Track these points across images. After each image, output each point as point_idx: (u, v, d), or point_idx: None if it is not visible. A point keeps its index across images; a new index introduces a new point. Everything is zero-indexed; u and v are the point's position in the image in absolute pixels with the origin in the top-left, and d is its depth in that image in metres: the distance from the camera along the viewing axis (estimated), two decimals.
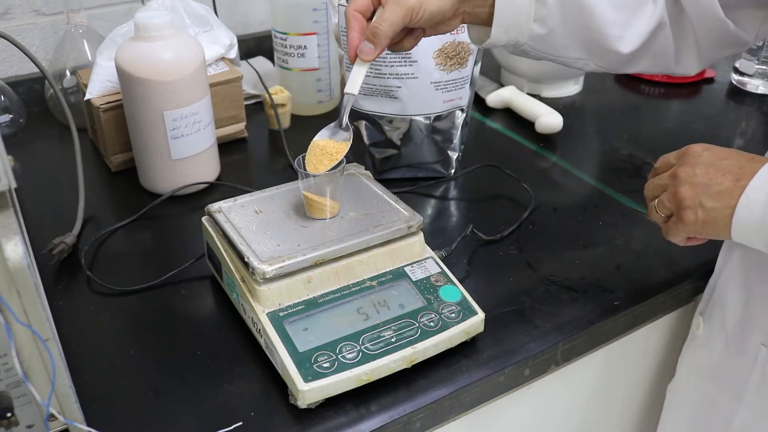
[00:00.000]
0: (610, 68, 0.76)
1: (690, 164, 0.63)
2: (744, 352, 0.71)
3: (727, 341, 0.74)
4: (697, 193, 0.61)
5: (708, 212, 0.61)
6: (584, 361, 0.77)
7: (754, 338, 0.70)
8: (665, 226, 0.66)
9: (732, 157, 0.62)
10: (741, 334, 0.72)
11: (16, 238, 0.46)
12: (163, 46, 0.83)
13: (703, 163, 0.62)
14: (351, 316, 0.65)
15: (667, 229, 0.66)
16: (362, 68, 0.68)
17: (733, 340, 0.73)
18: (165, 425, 0.60)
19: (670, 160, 0.66)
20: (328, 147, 0.68)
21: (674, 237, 0.65)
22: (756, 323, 0.70)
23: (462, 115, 0.93)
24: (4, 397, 0.51)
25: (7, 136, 1.02)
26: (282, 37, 1.06)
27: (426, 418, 0.64)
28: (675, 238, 0.65)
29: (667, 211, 0.65)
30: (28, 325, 0.48)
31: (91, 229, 0.85)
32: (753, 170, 0.59)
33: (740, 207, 0.59)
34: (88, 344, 0.69)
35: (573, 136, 1.07)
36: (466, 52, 0.87)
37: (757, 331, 0.70)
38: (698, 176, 0.61)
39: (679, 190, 0.63)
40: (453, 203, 0.93)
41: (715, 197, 0.60)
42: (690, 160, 0.63)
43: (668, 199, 0.64)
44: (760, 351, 0.69)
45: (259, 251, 0.65)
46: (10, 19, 1.09)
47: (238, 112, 1.02)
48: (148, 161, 0.89)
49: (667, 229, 0.65)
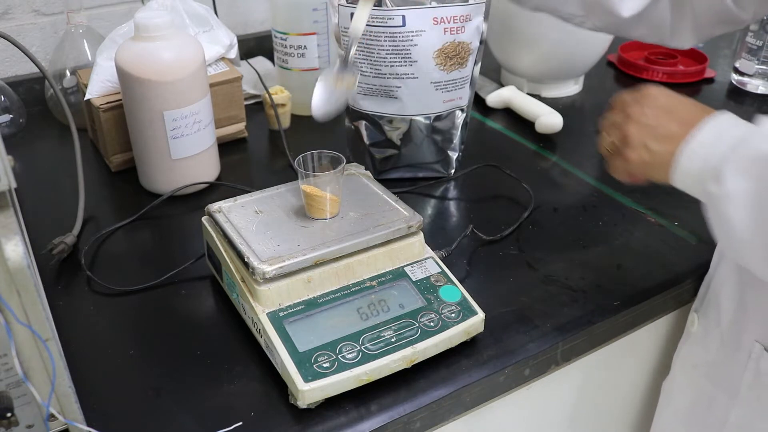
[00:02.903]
0: (605, 29, 0.77)
1: (642, 104, 0.64)
2: (738, 349, 0.72)
3: (722, 338, 0.74)
4: (644, 134, 0.63)
5: (651, 154, 0.62)
6: (584, 361, 0.77)
7: (748, 335, 0.71)
8: (610, 161, 0.67)
9: (684, 105, 0.63)
10: (735, 331, 0.72)
11: (16, 238, 0.46)
12: (163, 46, 0.83)
13: (656, 106, 0.63)
14: (351, 316, 0.65)
15: (611, 165, 0.67)
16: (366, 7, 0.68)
17: (727, 337, 0.74)
18: (165, 425, 0.60)
19: (626, 98, 0.67)
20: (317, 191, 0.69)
21: (617, 174, 0.67)
22: (750, 320, 0.70)
23: (462, 115, 0.93)
24: (4, 397, 0.51)
25: (7, 136, 1.02)
26: (282, 37, 1.06)
27: (426, 418, 0.64)
28: (618, 175, 0.67)
29: (614, 147, 0.66)
30: (28, 325, 0.48)
31: (91, 229, 0.85)
32: (701, 120, 0.60)
33: (682, 154, 0.60)
34: (88, 344, 0.69)
35: (573, 136, 1.07)
36: (466, 52, 0.87)
37: (751, 328, 0.70)
38: (648, 117, 0.63)
39: (627, 129, 0.64)
40: (453, 203, 0.93)
41: (660, 140, 0.61)
42: (643, 101, 0.64)
43: (616, 136, 0.66)
44: (754, 348, 0.69)
45: (259, 251, 0.65)
46: (10, 19, 1.09)
47: (238, 112, 1.02)
48: (148, 161, 0.89)
49: (612, 165, 0.67)
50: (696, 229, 0.85)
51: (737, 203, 0.56)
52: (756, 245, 0.57)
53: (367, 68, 0.86)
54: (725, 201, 0.57)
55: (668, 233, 0.85)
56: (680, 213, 0.88)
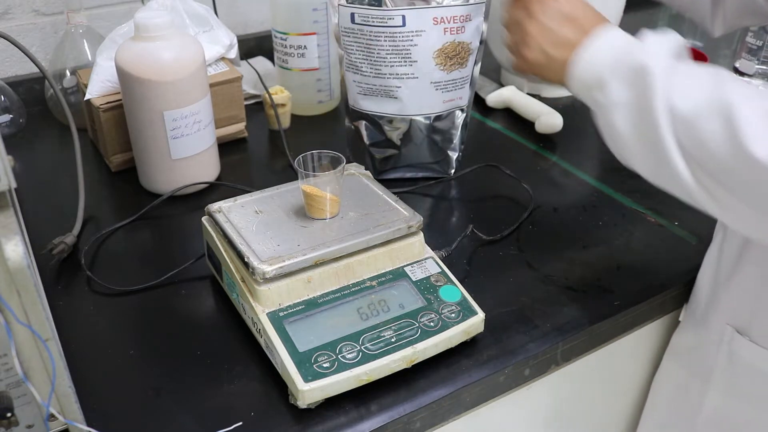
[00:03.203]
0: None
1: (542, 2, 0.66)
2: (711, 333, 0.72)
3: (696, 323, 0.74)
4: (542, 38, 0.65)
5: (547, 58, 0.65)
6: (584, 361, 0.77)
7: (719, 318, 0.71)
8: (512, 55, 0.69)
9: (584, 13, 0.65)
10: (708, 316, 0.73)
11: (16, 238, 0.46)
12: (163, 46, 0.83)
13: (557, 9, 0.65)
14: (351, 316, 0.65)
15: (513, 60, 0.69)
16: None
17: (701, 322, 0.75)
18: (165, 425, 0.60)
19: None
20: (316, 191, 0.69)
21: (518, 69, 0.70)
22: (722, 303, 0.71)
23: (462, 115, 0.93)
24: (4, 397, 0.51)
25: (7, 136, 1.02)
26: (282, 37, 1.06)
27: (426, 418, 0.64)
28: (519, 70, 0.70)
29: (514, 44, 0.68)
30: (28, 325, 0.48)
31: (91, 229, 0.85)
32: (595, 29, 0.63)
33: (574, 62, 0.63)
34: (88, 344, 0.69)
35: (573, 136, 1.07)
36: (466, 52, 0.87)
37: (722, 311, 0.71)
38: (548, 18, 0.65)
39: (527, 26, 0.66)
40: (453, 203, 0.93)
41: (556, 46, 0.64)
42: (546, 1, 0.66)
43: (516, 32, 0.68)
44: (725, 331, 0.70)
45: (259, 251, 0.65)
46: (10, 19, 1.09)
47: (238, 112, 1.02)
48: (148, 161, 0.89)
49: (514, 60, 0.69)
50: (696, 229, 0.85)
51: (620, 112, 0.59)
52: (638, 150, 0.60)
53: (367, 68, 0.86)
54: (610, 109, 0.60)
55: (668, 233, 0.85)
56: (680, 213, 0.88)
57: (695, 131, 0.55)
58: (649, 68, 0.57)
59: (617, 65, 0.60)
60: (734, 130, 0.52)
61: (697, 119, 0.54)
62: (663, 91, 0.56)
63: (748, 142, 0.51)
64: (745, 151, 0.51)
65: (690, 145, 0.55)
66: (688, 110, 0.55)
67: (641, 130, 0.58)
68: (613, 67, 0.60)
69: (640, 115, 0.58)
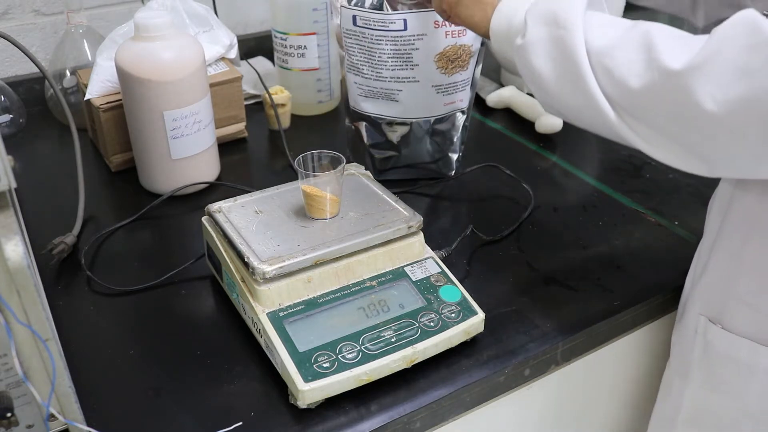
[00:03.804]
0: None
1: None
2: (688, 325, 0.72)
3: (678, 319, 0.75)
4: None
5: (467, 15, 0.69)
6: (584, 361, 0.77)
7: (694, 309, 0.71)
8: None
9: None
10: (686, 308, 0.73)
11: (16, 238, 0.46)
12: (163, 46, 0.83)
13: None
14: (351, 316, 0.65)
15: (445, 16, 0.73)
16: None
17: (680, 314, 0.75)
18: (165, 425, 0.60)
19: None
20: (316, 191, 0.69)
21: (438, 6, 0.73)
22: (697, 293, 0.71)
23: (462, 116, 0.93)
24: (4, 397, 0.51)
25: (7, 136, 1.02)
26: (282, 37, 1.06)
27: (426, 418, 0.64)
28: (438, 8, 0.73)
29: None
30: (28, 325, 0.48)
31: (91, 229, 0.85)
32: None
33: (492, 17, 0.66)
34: (88, 344, 0.69)
35: (573, 136, 1.07)
36: (467, 55, 0.87)
37: (697, 302, 0.71)
38: None
39: None
40: (453, 203, 0.93)
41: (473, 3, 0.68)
42: None
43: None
44: (699, 321, 0.70)
45: (259, 251, 0.65)
46: (10, 19, 1.09)
47: (238, 112, 1.02)
48: (148, 161, 0.89)
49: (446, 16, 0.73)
50: (696, 229, 0.85)
51: (538, 50, 0.61)
52: (559, 91, 0.61)
53: (368, 70, 0.86)
54: (529, 49, 0.62)
55: (668, 233, 0.85)
56: (680, 213, 0.88)
57: (613, 63, 0.56)
58: (567, 8, 0.59)
59: (536, 8, 0.62)
60: (651, 52, 0.54)
61: (614, 50, 0.56)
62: (580, 28, 0.58)
63: (664, 57, 0.53)
64: (662, 66, 0.53)
65: (608, 81, 0.57)
66: (605, 44, 0.57)
67: (561, 70, 0.60)
68: (532, 10, 0.62)
69: (559, 54, 0.60)
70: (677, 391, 0.75)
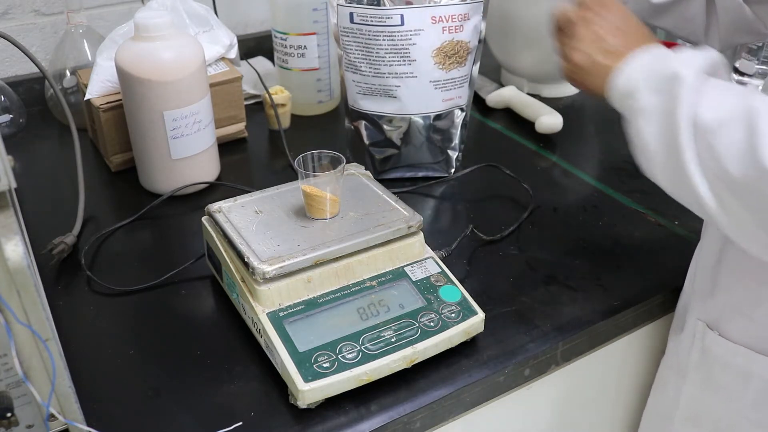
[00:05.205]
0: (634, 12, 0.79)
1: (599, 13, 0.68)
2: (686, 329, 0.73)
3: (676, 321, 0.75)
4: (593, 43, 0.67)
5: (593, 64, 0.67)
6: (584, 361, 0.77)
7: (692, 314, 0.72)
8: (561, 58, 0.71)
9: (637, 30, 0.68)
10: (683, 312, 0.74)
11: (16, 238, 0.46)
12: (163, 46, 0.83)
13: (610, 19, 0.68)
14: (351, 316, 0.65)
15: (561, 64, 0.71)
16: None
17: (677, 317, 0.75)
18: (165, 425, 0.60)
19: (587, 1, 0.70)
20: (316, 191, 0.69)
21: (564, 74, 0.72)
22: (695, 298, 0.72)
23: (462, 114, 0.93)
24: (4, 397, 0.51)
25: (7, 136, 1.02)
26: (282, 37, 1.06)
27: (426, 418, 0.64)
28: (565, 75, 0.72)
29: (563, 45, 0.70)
30: (28, 325, 0.48)
31: (91, 229, 0.85)
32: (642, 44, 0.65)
33: (617, 70, 0.64)
34: (88, 344, 0.69)
35: (573, 136, 1.07)
36: (465, 51, 0.87)
37: (695, 307, 0.72)
38: (600, 27, 0.67)
39: (581, 31, 0.68)
40: (453, 203, 0.93)
41: (604, 54, 0.66)
42: (601, 10, 0.68)
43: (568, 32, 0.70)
44: (697, 326, 0.71)
45: (259, 251, 0.65)
46: (10, 19, 1.09)
47: (238, 112, 1.02)
48: (148, 161, 0.89)
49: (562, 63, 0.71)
50: (696, 229, 0.85)
51: (646, 118, 0.60)
52: (659, 160, 0.60)
53: (366, 68, 0.86)
54: (638, 115, 0.61)
55: (668, 233, 0.85)
56: (680, 213, 0.88)
57: (716, 140, 0.55)
58: (678, 77, 0.58)
59: (651, 74, 0.61)
60: (753, 137, 0.52)
61: (720, 128, 0.55)
62: (689, 99, 0.57)
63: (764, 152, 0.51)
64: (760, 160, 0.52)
65: (709, 155, 0.55)
66: (712, 120, 0.55)
67: (664, 138, 0.59)
68: (647, 76, 0.61)
69: (664, 122, 0.59)
70: (674, 388, 0.75)
